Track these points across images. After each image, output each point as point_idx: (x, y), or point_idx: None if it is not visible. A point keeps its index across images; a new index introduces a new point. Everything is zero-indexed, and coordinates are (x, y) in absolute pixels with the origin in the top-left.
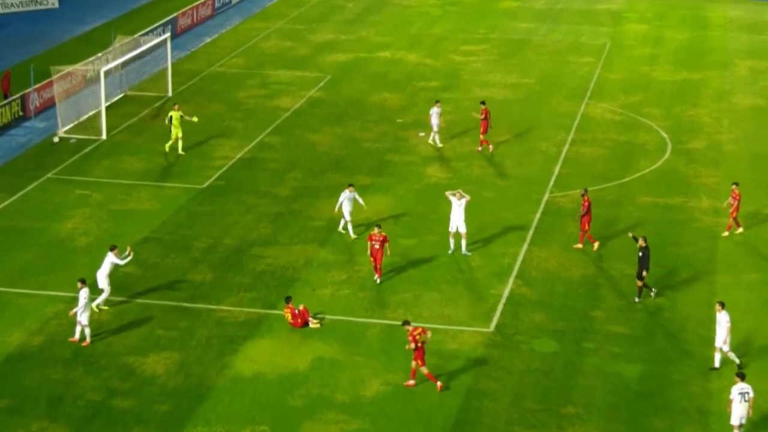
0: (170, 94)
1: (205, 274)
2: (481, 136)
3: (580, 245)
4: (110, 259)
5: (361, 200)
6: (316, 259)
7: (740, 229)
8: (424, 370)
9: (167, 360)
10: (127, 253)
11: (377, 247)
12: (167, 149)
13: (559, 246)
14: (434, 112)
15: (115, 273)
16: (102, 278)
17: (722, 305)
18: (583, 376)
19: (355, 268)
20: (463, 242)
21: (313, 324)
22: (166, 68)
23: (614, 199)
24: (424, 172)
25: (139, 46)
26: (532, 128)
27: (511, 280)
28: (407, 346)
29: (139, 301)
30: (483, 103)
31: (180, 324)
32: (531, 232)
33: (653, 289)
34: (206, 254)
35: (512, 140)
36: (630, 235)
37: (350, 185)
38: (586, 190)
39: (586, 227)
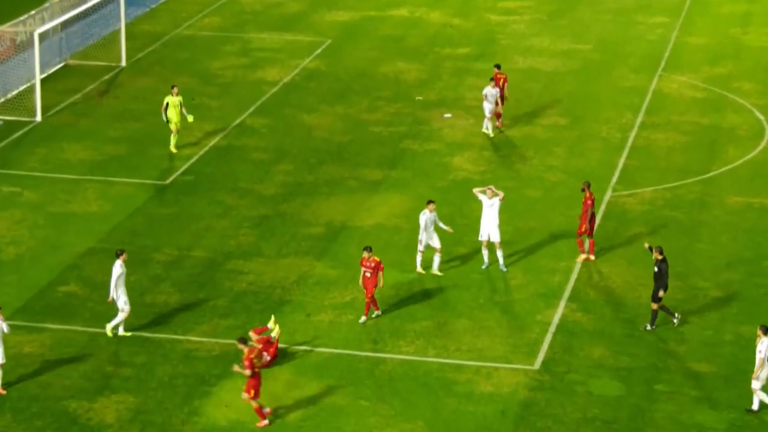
0: (124, 63)
1: (169, 296)
2: (497, 108)
3: (591, 256)
4: (118, 270)
5: (442, 224)
6: (312, 275)
7: None
8: (254, 403)
9: (120, 405)
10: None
11: (369, 275)
12: (173, 149)
13: (625, 259)
14: (488, 92)
15: (53, 294)
16: (116, 293)
17: (766, 330)
18: (655, 426)
19: (361, 288)
20: (499, 254)
21: (272, 326)
22: (119, 30)
23: (696, 198)
24: (450, 164)
25: (85, 1)
26: (590, 108)
27: (562, 304)
28: (236, 367)
29: (83, 329)
30: (498, 66)
31: (136, 359)
32: (588, 241)
33: (676, 315)
34: (170, 270)
35: (564, 124)
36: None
37: (430, 202)
38: (588, 185)
39: (585, 230)
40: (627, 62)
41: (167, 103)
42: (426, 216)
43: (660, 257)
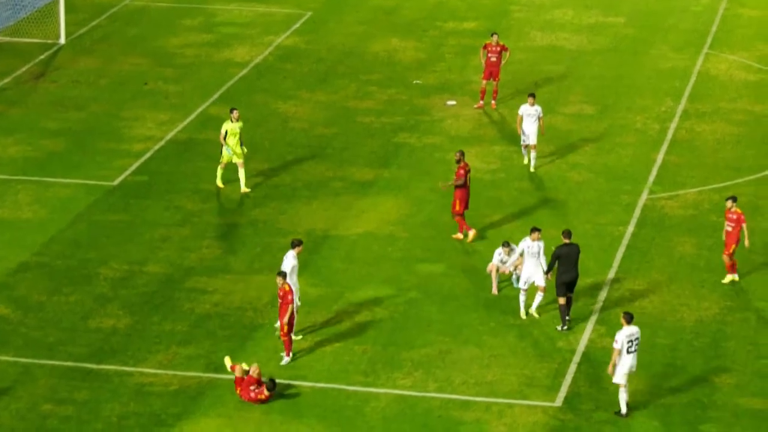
0: (63, 40)
1: (118, 319)
2: (493, 82)
3: (459, 235)
4: (292, 261)
5: (543, 260)
6: None
7: (729, 277)
8: None
9: None
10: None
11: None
12: (220, 183)
13: (664, 275)
14: (526, 112)
15: None
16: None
17: (628, 318)
18: None
19: (349, 310)
20: (510, 261)
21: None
22: (57, 0)
23: (749, 201)
24: (454, 162)
25: None
26: (622, 94)
27: (589, 327)
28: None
29: (13, 359)
30: (494, 35)
31: (78, 395)
32: (620, 253)
33: (567, 320)
34: (118, 288)
35: (591, 113)
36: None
37: (535, 230)
38: (462, 154)
39: (457, 208)
40: (667, 38)
41: (226, 131)
42: (526, 244)
43: (567, 241)
